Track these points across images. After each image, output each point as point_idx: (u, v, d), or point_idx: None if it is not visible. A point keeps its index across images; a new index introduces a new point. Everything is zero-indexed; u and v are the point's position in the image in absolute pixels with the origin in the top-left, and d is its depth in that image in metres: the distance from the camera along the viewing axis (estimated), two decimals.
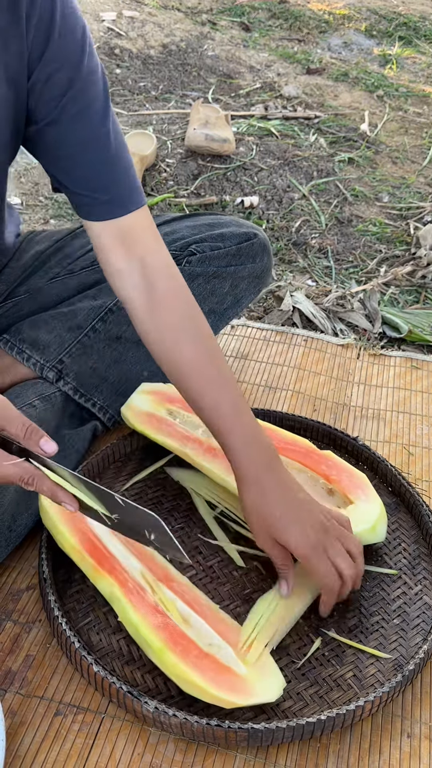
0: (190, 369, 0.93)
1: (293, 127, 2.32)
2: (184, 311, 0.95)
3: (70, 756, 0.78)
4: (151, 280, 0.94)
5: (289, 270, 1.74)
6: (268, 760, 0.79)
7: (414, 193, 2.06)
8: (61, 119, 0.90)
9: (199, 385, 0.92)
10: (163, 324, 0.94)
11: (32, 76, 0.88)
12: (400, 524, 1.06)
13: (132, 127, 2.25)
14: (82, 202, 0.95)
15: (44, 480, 0.75)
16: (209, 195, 1.99)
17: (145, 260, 0.94)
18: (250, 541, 1.01)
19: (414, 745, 0.81)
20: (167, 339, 0.94)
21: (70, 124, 0.90)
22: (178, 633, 0.82)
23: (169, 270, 0.96)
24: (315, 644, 0.89)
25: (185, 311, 0.95)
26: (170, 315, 0.94)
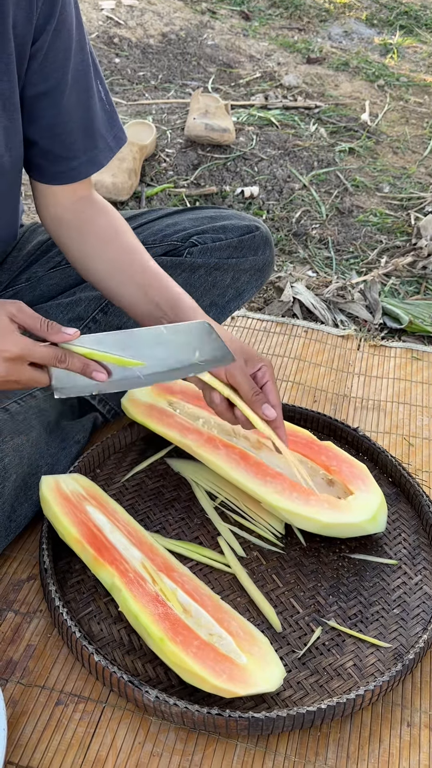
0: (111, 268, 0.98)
1: (293, 117, 2.31)
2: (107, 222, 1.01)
3: (71, 745, 0.78)
4: (87, 215, 1.01)
5: (289, 261, 1.73)
6: (268, 748, 0.79)
7: (415, 184, 2.06)
8: (60, 88, 0.92)
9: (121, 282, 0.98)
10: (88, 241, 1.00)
11: (37, 42, 0.89)
12: (400, 515, 1.06)
13: (131, 116, 2.24)
14: (57, 168, 0.98)
15: (74, 355, 0.83)
16: (209, 185, 1.99)
17: (84, 205, 1.01)
18: (250, 531, 1.02)
19: (414, 734, 0.81)
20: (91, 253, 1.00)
21: (65, 93, 0.93)
22: (178, 623, 0.83)
23: (101, 202, 1.03)
24: (315, 633, 0.90)
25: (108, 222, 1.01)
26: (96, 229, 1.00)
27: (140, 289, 0.96)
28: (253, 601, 0.93)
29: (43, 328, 0.82)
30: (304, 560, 0.99)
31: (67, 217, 1.01)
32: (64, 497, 0.96)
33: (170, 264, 1.17)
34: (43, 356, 0.82)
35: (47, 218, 1.03)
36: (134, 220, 1.25)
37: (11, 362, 0.80)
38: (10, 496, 0.95)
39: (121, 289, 0.98)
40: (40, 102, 0.93)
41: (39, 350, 0.81)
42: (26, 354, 0.81)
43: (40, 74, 0.91)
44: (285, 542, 1.01)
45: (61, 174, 1.00)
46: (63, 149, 0.98)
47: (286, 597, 0.94)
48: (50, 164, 0.99)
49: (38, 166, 0.99)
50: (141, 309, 0.96)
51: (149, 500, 1.05)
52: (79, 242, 1.01)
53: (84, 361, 0.83)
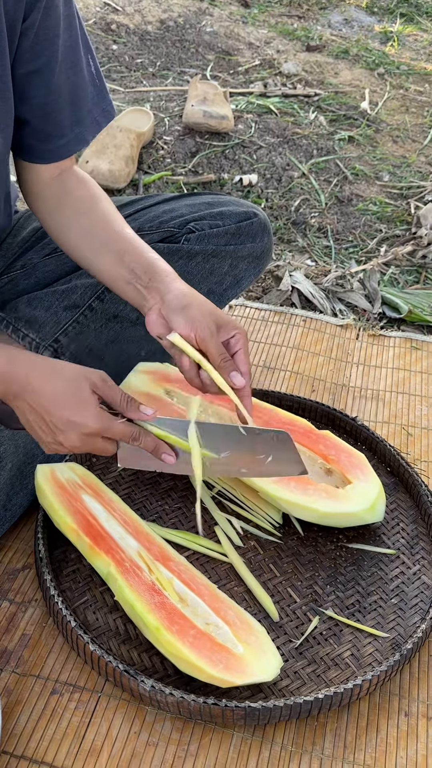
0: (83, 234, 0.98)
1: (293, 105, 2.29)
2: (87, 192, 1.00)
3: (66, 734, 0.77)
4: (67, 188, 1.01)
5: (288, 249, 1.72)
6: (265, 738, 0.79)
7: (415, 173, 2.04)
8: (50, 66, 0.91)
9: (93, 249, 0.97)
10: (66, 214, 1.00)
11: (27, 19, 0.88)
12: (398, 504, 1.05)
13: (129, 104, 2.22)
14: (46, 147, 0.98)
15: (148, 435, 0.84)
16: (207, 173, 1.97)
17: (64, 178, 1.01)
18: (247, 520, 1.01)
19: (411, 724, 0.81)
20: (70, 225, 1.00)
21: (56, 71, 0.92)
22: (174, 612, 0.82)
23: (80, 174, 1.03)
24: (313, 623, 0.89)
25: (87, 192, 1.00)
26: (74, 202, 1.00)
27: (116, 256, 0.95)
28: (250, 590, 0.92)
29: (122, 404, 0.83)
30: (302, 550, 0.98)
31: (48, 190, 1.01)
32: (60, 486, 0.95)
33: (167, 251, 1.16)
34: (120, 434, 0.83)
35: (29, 194, 1.03)
36: (130, 206, 1.23)
37: (87, 436, 0.81)
38: (6, 485, 0.94)
39: (97, 256, 0.97)
40: (31, 81, 0.91)
41: (117, 428, 0.82)
42: (104, 431, 0.81)
43: (31, 52, 0.89)
44: (282, 532, 1.00)
45: (49, 152, 0.99)
46: (53, 127, 0.97)
47: (283, 586, 0.93)
48: (40, 143, 0.98)
49: (28, 146, 0.98)
50: (116, 275, 0.95)
51: (146, 489, 1.04)
52: (55, 212, 1.01)
53: (157, 443, 0.84)
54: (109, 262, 0.95)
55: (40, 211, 1.02)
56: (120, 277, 0.94)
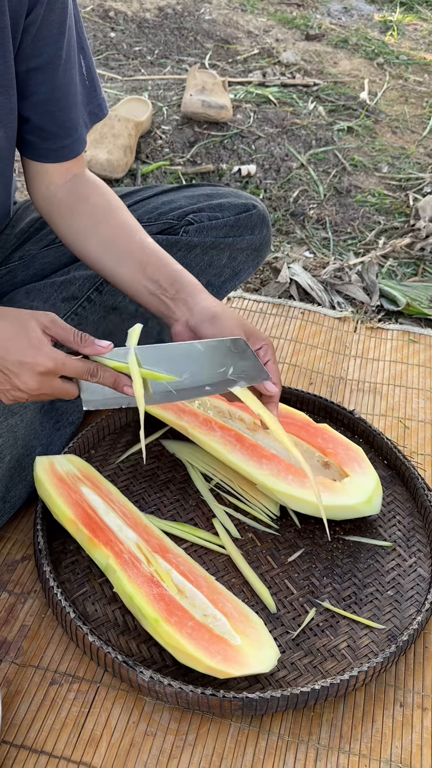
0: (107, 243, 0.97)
1: (291, 95, 2.28)
2: (99, 200, 1.00)
3: (65, 724, 0.78)
4: (80, 194, 1.00)
5: (286, 241, 1.72)
6: (262, 728, 0.80)
7: (414, 164, 2.03)
8: (53, 63, 0.91)
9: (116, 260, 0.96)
10: (79, 221, 0.99)
11: (31, 14, 0.87)
12: (395, 497, 1.06)
13: (127, 92, 2.21)
14: (50, 146, 0.97)
15: (106, 369, 0.82)
16: (206, 163, 1.96)
17: (77, 183, 1.00)
18: (245, 512, 1.01)
19: (406, 714, 0.82)
20: (80, 232, 0.99)
21: (59, 68, 0.92)
22: (173, 604, 0.83)
23: (94, 180, 1.02)
24: (310, 614, 0.90)
25: (100, 200, 1.00)
26: (87, 207, 0.99)
27: (138, 267, 0.94)
28: (248, 582, 0.93)
29: (76, 340, 0.82)
30: (299, 542, 0.99)
31: (60, 195, 1.00)
32: (59, 478, 0.95)
33: (166, 243, 1.15)
34: (76, 370, 0.81)
35: (39, 197, 1.02)
36: (129, 197, 1.23)
37: (43, 376, 0.80)
38: (5, 477, 0.94)
39: (119, 267, 0.96)
40: (33, 77, 0.91)
41: (71, 364, 0.81)
42: (59, 368, 0.80)
43: (34, 48, 0.88)
44: (280, 524, 1.00)
45: (53, 152, 0.98)
46: (56, 126, 0.96)
47: (280, 578, 0.94)
48: (42, 141, 0.97)
49: (31, 144, 0.98)
50: (138, 286, 0.95)
51: (144, 482, 1.04)
52: (70, 221, 0.99)
53: (115, 375, 0.83)
54: (130, 273, 0.95)
55: (53, 216, 1.00)
56: (143, 288, 0.94)
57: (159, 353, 0.84)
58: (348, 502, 0.96)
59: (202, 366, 0.85)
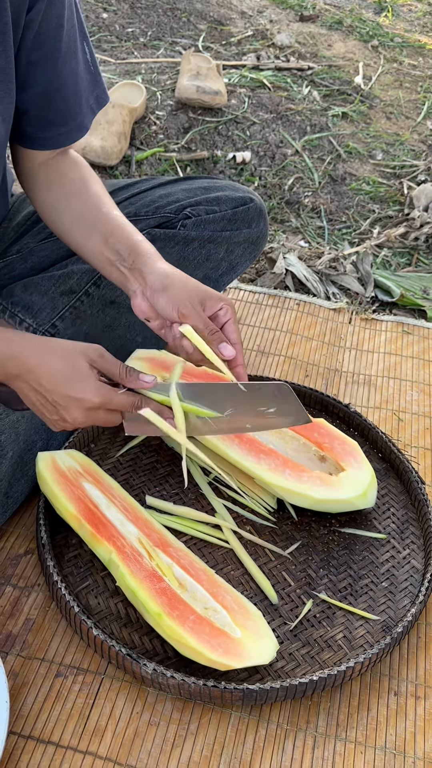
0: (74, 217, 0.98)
1: (286, 79, 2.27)
2: (76, 175, 1.01)
3: (71, 715, 0.81)
4: (60, 170, 1.01)
5: (281, 230, 1.72)
6: (261, 717, 0.83)
7: (408, 151, 2.04)
8: (53, 56, 0.91)
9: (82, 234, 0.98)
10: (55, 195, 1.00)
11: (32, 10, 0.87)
12: (389, 490, 1.08)
13: (120, 76, 2.19)
14: (46, 134, 0.98)
15: (150, 402, 0.86)
16: (200, 149, 1.95)
17: (57, 160, 1.02)
18: (243, 505, 1.03)
19: (400, 703, 0.85)
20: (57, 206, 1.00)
21: (58, 60, 0.92)
22: (175, 598, 0.85)
23: (74, 158, 1.03)
24: (307, 606, 0.92)
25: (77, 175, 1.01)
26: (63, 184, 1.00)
27: (102, 237, 0.95)
28: (247, 574, 0.95)
29: (121, 374, 0.84)
30: (296, 534, 1.01)
31: (41, 172, 1.02)
32: (61, 474, 0.97)
33: (163, 237, 1.16)
34: (122, 404, 0.84)
35: (22, 174, 1.04)
36: (126, 189, 1.23)
37: (91, 411, 0.82)
38: (7, 473, 0.95)
39: (86, 239, 0.97)
40: (33, 70, 0.91)
41: (118, 399, 0.83)
42: (105, 403, 0.82)
43: (34, 43, 0.89)
44: (277, 516, 1.03)
45: (48, 140, 0.99)
46: (54, 114, 0.97)
47: (278, 570, 0.97)
48: (40, 131, 0.98)
49: (27, 134, 0.98)
50: (102, 257, 0.96)
51: (143, 475, 1.06)
52: (47, 194, 1.01)
53: (159, 408, 0.86)
54: (95, 244, 0.95)
55: (32, 191, 1.03)
56: (105, 259, 0.95)
57: (201, 390, 0.88)
58: (344, 496, 0.98)
59: (244, 405, 0.88)
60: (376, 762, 0.80)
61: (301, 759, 0.79)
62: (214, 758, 0.79)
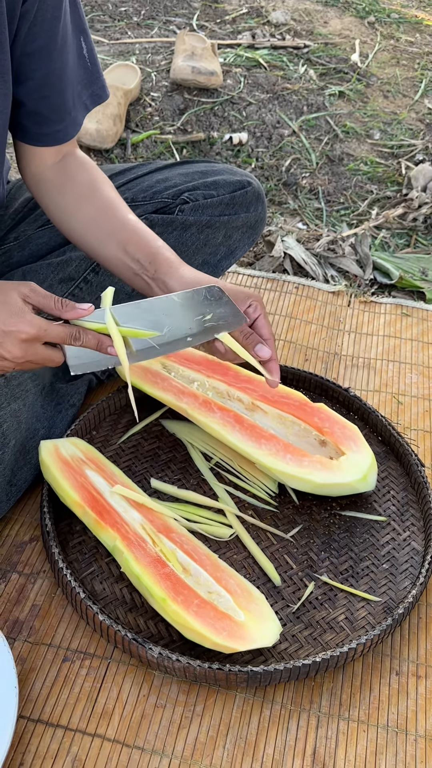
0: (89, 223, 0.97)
1: (282, 57, 2.24)
2: (86, 179, 1.00)
3: (79, 699, 0.82)
4: (68, 172, 1.00)
5: (279, 212, 1.72)
6: (266, 698, 0.84)
7: (405, 130, 2.02)
8: (48, 48, 0.90)
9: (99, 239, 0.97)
10: (68, 197, 0.99)
11: (27, 1, 0.86)
12: (389, 473, 1.09)
13: (114, 57, 2.16)
14: (43, 130, 0.97)
15: (88, 332, 0.84)
16: (196, 131, 1.94)
17: (66, 162, 1.01)
18: (245, 490, 1.04)
19: (402, 682, 0.87)
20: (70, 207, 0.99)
21: (53, 54, 0.91)
22: (179, 583, 0.86)
23: (82, 158, 1.02)
24: (309, 588, 0.94)
25: (87, 179, 1.00)
26: (75, 187, 0.99)
27: (120, 246, 0.95)
28: (250, 558, 0.96)
29: (57, 306, 0.82)
30: (297, 518, 1.02)
31: (48, 175, 1.00)
32: (64, 462, 0.97)
33: (161, 222, 1.16)
34: (59, 335, 0.82)
35: (29, 176, 1.02)
36: (123, 174, 1.23)
37: (27, 343, 0.81)
38: (10, 462, 0.96)
39: (102, 247, 0.97)
40: (28, 63, 0.90)
41: (54, 329, 0.82)
42: (41, 334, 0.81)
43: (29, 35, 0.88)
44: (278, 501, 1.04)
45: (47, 136, 0.98)
46: (50, 110, 0.96)
47: (280, 553, 0.98)
48: (37, 126, 0.97)
49: (25, 128, 0.97)
50: (122, 266, 0.96)
51: (145, 462, 1.07)
52: (57, 199, 1.00)
53: (98, 338, 0.84)
54: (114, 252, 0.95)
55: (41, 195, 1.01)
56: (126, 268, 0.95)
57: (136, 310, 0.85)
58: (344, 480, 0.99)
59: (181, 317, 0.86)
60: (379, 740, 0.81)
61: (305, 738, 0.81)
62: (220, 739, 0.80)
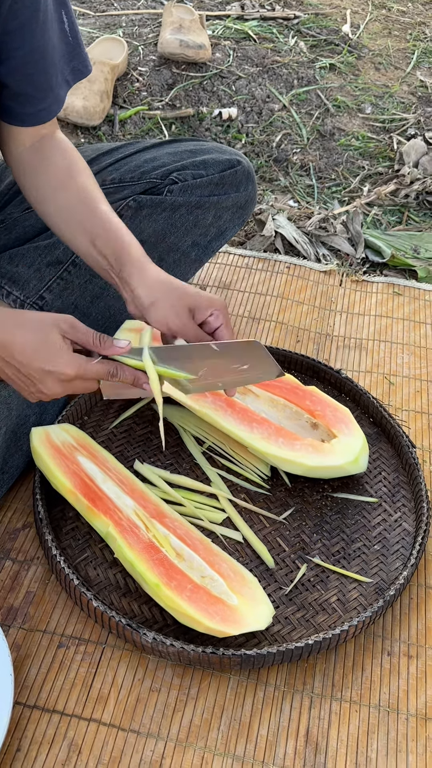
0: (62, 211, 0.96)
1: (272, 29, 2.20)
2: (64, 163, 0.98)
3: (74, 684, 0.83)
4: (45, 154, 0.99)
5: (270, 189, 1.70)
6: (259, 680, 0.85)
7: (397, 103, 1.99)
8: (30, 26, 0.89)
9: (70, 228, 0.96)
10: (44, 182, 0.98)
11: None
12: (380, 454, 1.10)
13: (100, 29, 2.11)
14: (27, 110, 0.95)
15: (125, 369, 0.86)
16: (185, 106, 1.91)
17: (44, 144, 0.99)
18: (237, 474, 1.05)
19: (393, 663, 0.88)
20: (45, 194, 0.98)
21: (35, 31, 0.90)
22: (172, 568, 0.86)
23: (60, 141, 1.01)
24: (301, 570, 0.94)
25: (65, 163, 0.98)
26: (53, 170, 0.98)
27: (89, 239, 0.94)
28: (244, 540, 0.97)
29: (95, 343, 0.83)
30: (289, 500, 1.02)
31: (26, 156, 0.99)
32: (56, 449, 0.97)
33: (150, 203, 1.14)
34: (98, 373, 0.84)
35: (11, 160, 1.01)
36: (110, 154, 1.21)
37: (67, 383, 0.82)
38: (2, 449, 0.96)
39: (74, 238, 0.96)
40: (10, 41, 0.88)
41: (93, 368, 0.83)
42: (81, 374, 0.82)
43: (11, 10, 0.85)
44: (270, 484, 1.04)
45: (31, 115, 0.96)
46: (34, 88, 0.94)
47: (272, 536, 0.98)
48: (21, 106, 0.95)
49: (9, 108, 0.95)
50: (92, 260, 0.95)
51: (137, 447, 1.07)
52: (33, 181, 0.99)
53: (135, 374, 0.86)
54: (84, 245, 0.94)
55: (18, 175, 1.00)
56: (95, 263, 0.94)
57: (175, 352, 0.88)
58: (336, 463, 0.99)
59: (217, 365, 0.89)
60: (371, 720, 0.83)
61: (299, 719, 0.82)
62: (215, 721, 0.82)
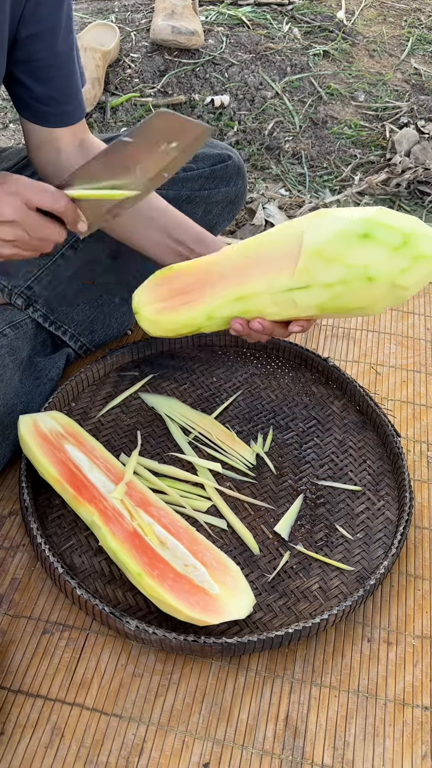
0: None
1: (265, 15, 2.19)
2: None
3: (58, 670, 0.84)
4: (92, 153, 0.99)
5: (261, 178, 1.69)
6: (240, 666, 0.87)
7: (391, 91, 1.99)
8: (54, 31, 0.91)
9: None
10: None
11: None
12: (365, 442, 1.10)
13: (92, 15, 2.10)
14: (54, 110, 0.98)
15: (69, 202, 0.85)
16: (177, 94, 1.90)
17: (88, 149, 1.02)
18: (223, 463, 1.06)
19: (373, 649, 0.89)
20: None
21: (59, 35, 0.92)
22: (155, 557, 0.87)
23: (100, 144, 1.04)
24: (284, 558, 0.96)
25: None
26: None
27: (163, 230, 1.01)
28: (229, 527, 0.98)
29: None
30: (275, 488, 1.03)
31: (73, 160, 1.00)
32: (43, 437, 0.98)
33: None
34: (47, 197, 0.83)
35: (48, 164, 1.02)
36: None
37: (13, 196, 0.81)
38: None
39: (143, 231, 1.02)
40: (33, 44, 0.90)
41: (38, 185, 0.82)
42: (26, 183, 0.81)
43: (34, 15, 0.87)
44: (256, 472, 1.05)
45: (55, 116, 0.99)
46: (57, 92, 0.96)
47: (257, 523, 0.99)
48: (44, 105, 0.97)
49: (31, 107, 0.98)
50: (165, 248, 1.02)
51: (125, 436, 1.08)
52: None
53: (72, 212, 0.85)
54: (156, 237, 1.02)
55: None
56: (170, 250, 1.01)
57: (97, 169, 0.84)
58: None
59: (143, 156, 0.82)
60: (350, 705, 0.84)
61: (279, 703, 0.84)
62: (196, 705, 0.83)
